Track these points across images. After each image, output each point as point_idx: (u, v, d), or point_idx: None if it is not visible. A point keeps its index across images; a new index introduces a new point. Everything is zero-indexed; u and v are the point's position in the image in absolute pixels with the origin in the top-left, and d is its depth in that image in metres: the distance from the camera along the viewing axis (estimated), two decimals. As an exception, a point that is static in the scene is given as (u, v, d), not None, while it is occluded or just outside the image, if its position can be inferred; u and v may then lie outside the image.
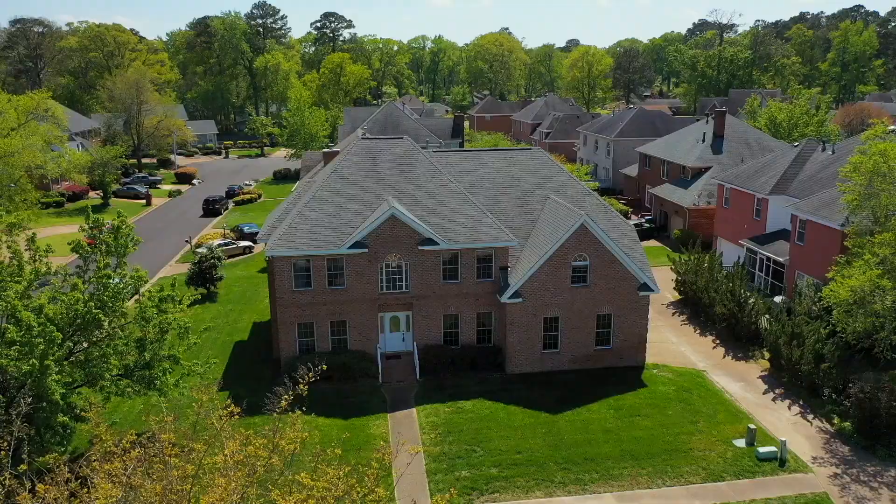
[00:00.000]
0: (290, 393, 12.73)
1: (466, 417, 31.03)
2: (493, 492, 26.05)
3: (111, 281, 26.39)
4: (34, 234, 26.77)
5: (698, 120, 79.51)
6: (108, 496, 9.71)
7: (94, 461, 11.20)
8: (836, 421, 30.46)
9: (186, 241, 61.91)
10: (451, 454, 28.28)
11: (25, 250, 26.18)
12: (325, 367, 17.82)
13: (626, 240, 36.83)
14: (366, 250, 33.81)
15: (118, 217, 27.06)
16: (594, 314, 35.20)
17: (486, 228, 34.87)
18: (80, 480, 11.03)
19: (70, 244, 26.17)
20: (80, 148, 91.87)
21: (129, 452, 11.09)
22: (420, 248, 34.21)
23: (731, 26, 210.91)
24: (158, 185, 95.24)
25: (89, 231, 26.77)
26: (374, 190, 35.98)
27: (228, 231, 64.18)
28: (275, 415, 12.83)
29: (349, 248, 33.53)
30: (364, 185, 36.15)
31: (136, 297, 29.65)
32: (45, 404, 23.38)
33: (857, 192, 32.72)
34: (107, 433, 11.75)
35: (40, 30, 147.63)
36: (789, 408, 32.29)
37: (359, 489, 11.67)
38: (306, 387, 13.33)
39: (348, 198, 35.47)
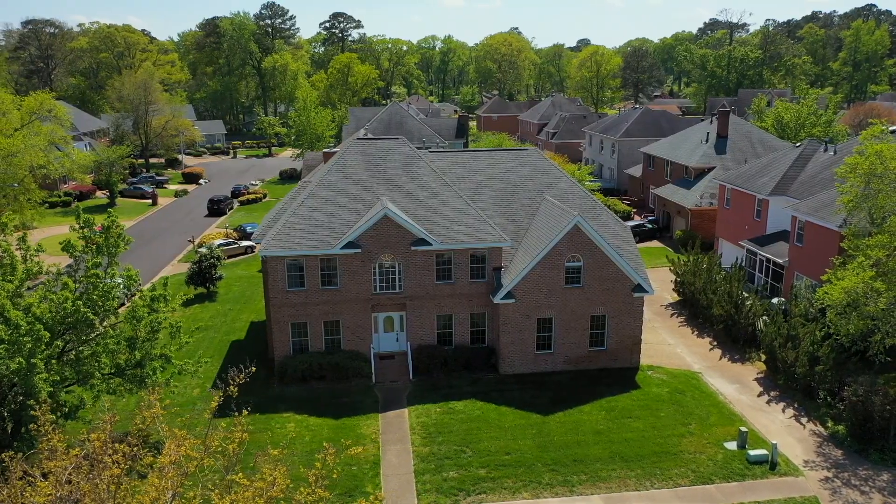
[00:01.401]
0: (221, 395, 12.75)
1: (457, 418, 31.00)
2: (480, 493, 25.99)
3: (106, 281, 26.61)
4: (25, 233, 26.98)
5: (702, 120, 79.04)
6: (45, 494, 9.80)
7: (43, 458, 11.33)
8: (829, 424, 30.18)
9: (189, 241, 62.29)
10: (439, 454, 28.25)
11: (16, 250, 26.41)
12: (254, 368, 17.90)
13: (621, 241, 36.67)
14: (359, 250, 33.86)
15: (108, 217, 27.24)
16: (588, 315, 35.06)
17: (480, 229, 34.82)
18: (25, 478, 11.17)
19: (61, 244, 26.37)
20: (88, 148, 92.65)
21: (69, 451, 11.17)
22: (413, 248, 34.23)
23: (743, 25, 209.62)
24: (165, 185, 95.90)
25: (80, 231, 26.94)
26: (368, 190, 36.03)
27: (231, 231, 64.52)
28: (206, 416, 12.86)
29: (342, 248, 33.59)
30: (358, 185, 36.20)
31: (133, 296, 29.80)
32: (32, 402, 23.57)
33: (854, 193, 32.39)
34: (54, 431, 11.86)
35: (52, 30, 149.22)
36: (783, 410, 32.03)
37: (302, 490, 11.67)
38: (236, 388, 13.52)
39: (342, 198, 35.55)
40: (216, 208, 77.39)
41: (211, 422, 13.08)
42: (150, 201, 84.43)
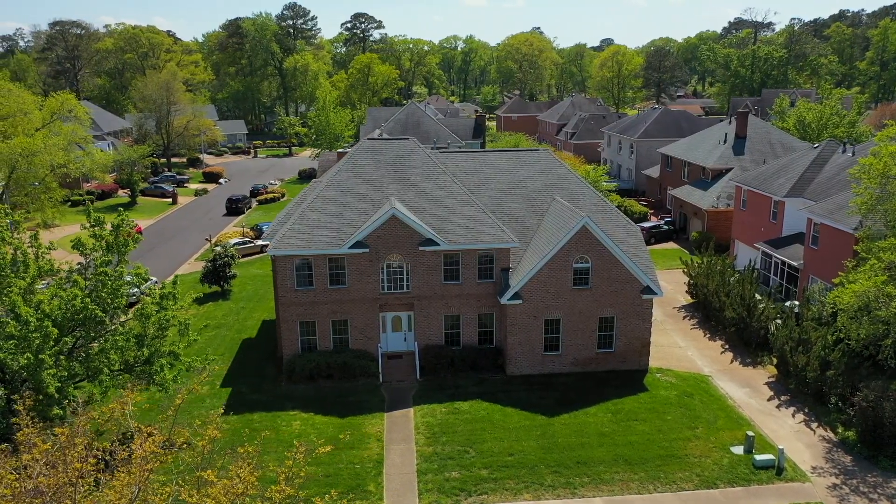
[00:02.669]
0: (185, 394, 12.92)
1: (462, 418, 31.01)
2: (481, 493, 25.99)
3: (115, 278, 27.05)
4: (37, 232, 27.53)
5: (721, 121, 78.17)
6: (14, 487, 10.04)
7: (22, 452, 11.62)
8: (839, 430, 29.69)
9: (206, 240, 63.04)
10: (443, 455, 28.29)
11: (28, 247, 26.95)
12: (217, 367, 17.96)
13: (631, 242, 36.43)
14: (367, 250, 34.01)
15: (118, 215, 27.69)
16: (596, 317, 34.86)
17: (488, 229, 34.81)
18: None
19: (72, 241, 26.87)
20: (111, 147, 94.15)
21: (39, 446, 11.42)
22: (421, 248, 34.30)
23: (768, 24, 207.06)
24: (186, 184, 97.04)
25: (90, 229, 27.43)
26: (377, 190, 36.19)
27: (248, 230, 65.16)
28: (168, 414, 13.06)
29: (350, 247, 33.77)
30: (367, 185, 36.37)
31: (144, 295, 30.22)
32: (41, 397, 24.05)
33: (869, 195, 31.84)
34: (33, 424, 12.13)
35: (78, 31, 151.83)
36: (793, 415, 31.58)
37: (275, 488, 11.76)
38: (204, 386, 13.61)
39: (351, 198, 35.75)
40: (235, 207, 78.24)
41: (175, 419, 13.24)
42: (170, 200, 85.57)
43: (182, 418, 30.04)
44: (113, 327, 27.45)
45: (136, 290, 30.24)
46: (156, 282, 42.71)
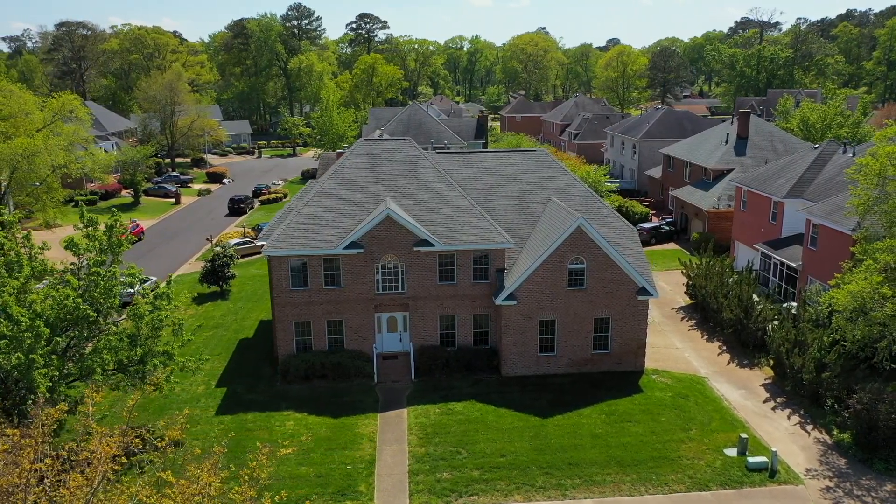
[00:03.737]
0: (139, 395, 12.94)
1: (456, 419, 30.97)
2: (472, 494, 25.94)
3: (114, 279, 27.14)
4: (29, 232, 27.66)
5: (723, 121, 77.87)
6: None
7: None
8: (835, 432, 29.50)
9: (207, 240, 63.19)
10: (435, 455, 28.26)
11: (21, 247, 27.08)
12: (173, 372, 17.74)
13: (627, 243, 36.30)
14: (362, 251, 34.02)
15: (111, 216, 27.79)
16: (591, 318, 34.76)
17: (483, 230, 34.76)
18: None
19: (64, 242, 26.97)
20: (115, 147, 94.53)
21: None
22: (416, 248, 34.28)
23: (775, 24, 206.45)
24: (189, 185, 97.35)
25: (84, 230, 27.54)
26: (372, 191, 36.20)
27: (249, 230, 65.31)
28: (124, 414, 13.05)
29: (345, 248, 33.78)
30: (363, 186, 36.39)
31: (140, 295, 30.29)
32: (33, 396, 24.17)
33: (866, 196, 31.60)
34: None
35: (84, 32, 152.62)
36: (789, 417, 31.40)
37: (237, 489, 11.77)
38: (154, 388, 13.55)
39: (347, 199, 35.78)
40: (237, 207, 78.45)
41: (130, 418, 13.25)
42: (173, 200, 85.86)
43: (175, 418, 30.23)
44: (106, 327, 27.57)
45: (131, 290, 30.33)
46: (154, 282, 42.94)
